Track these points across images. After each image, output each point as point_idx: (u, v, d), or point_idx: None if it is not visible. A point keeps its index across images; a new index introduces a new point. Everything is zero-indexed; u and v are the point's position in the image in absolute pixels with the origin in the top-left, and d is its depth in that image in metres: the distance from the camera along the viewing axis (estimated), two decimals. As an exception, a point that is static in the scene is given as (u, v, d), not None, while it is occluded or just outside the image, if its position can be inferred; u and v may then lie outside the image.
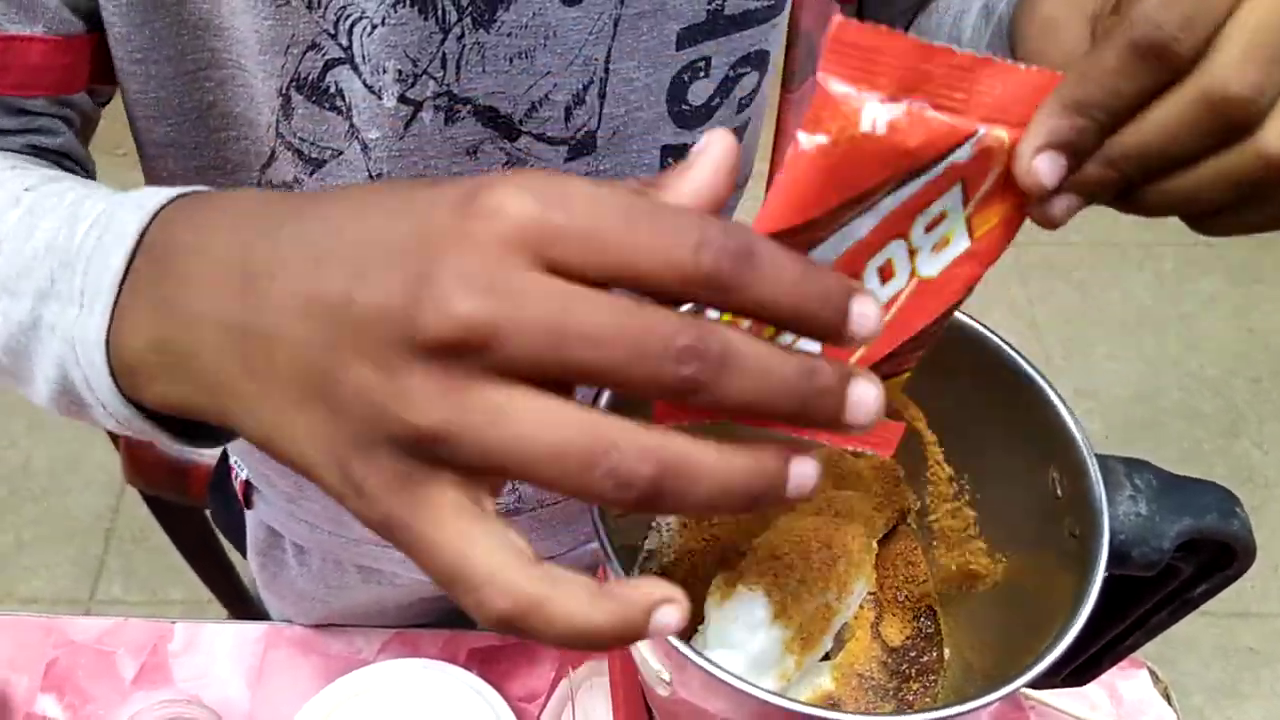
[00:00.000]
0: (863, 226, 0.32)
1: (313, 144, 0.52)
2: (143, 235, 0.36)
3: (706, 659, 0.36)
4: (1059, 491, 0.43)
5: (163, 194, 0.37)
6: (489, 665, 0.86)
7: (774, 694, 0.35)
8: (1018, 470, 0.44)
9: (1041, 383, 0.43)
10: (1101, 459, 0.42)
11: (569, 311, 0.26)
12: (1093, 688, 0.88)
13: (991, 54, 0.31)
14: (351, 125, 0.51)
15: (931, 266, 0.34)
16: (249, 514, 0.84)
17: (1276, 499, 1.86)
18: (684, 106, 0.55)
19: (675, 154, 0.57)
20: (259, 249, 0.31)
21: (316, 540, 0.79)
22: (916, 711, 0.46)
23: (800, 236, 0.31)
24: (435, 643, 0.88)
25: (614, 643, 0.28)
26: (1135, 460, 0.43)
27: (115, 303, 0.36)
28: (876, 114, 0.30)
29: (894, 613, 0.49)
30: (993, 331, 0.44)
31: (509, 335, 0.26)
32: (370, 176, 0.53)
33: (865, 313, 0.27)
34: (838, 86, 0.30)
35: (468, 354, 0.26)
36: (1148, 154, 0.31)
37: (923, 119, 0.31)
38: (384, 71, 0.49)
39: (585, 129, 0.54)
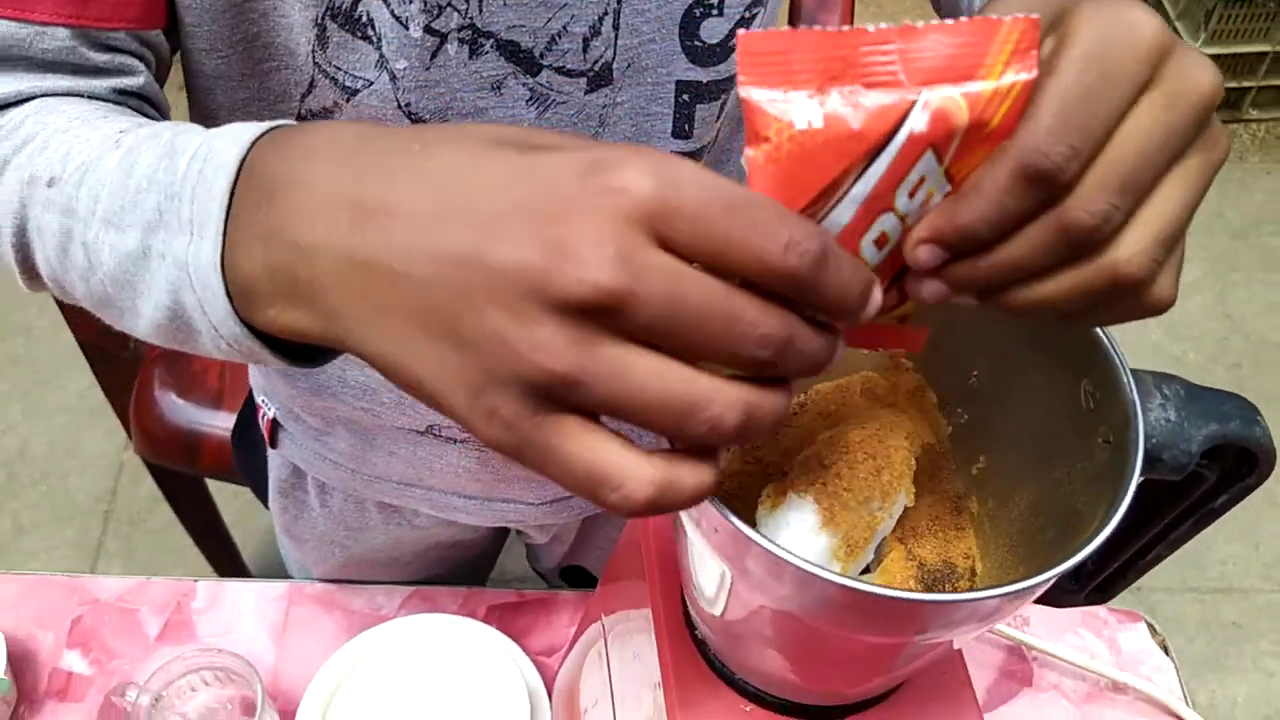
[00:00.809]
0: (844, 215, 0.35)
1: (346, 73, 0.55)
2: (241, 164, 0.38)
3: (772, 540, 0.38)
4: (1090, 404, 0.45)
5: (255, 127, 0.40)
6: (508, 621, 0.88)
7: (839, 574, 0.37)
8: (1051, 387, 0.47)
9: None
10: (1132, 371, 0.44)
11: (682, 288, 0.31)
12: (1093, 639, 0.91)
13: (910, 21, 0.33)
14: (381, 55, 0.54)
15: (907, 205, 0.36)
16: (272, 455, 0.86)
17: (1257, 479, 1.90)
18: (697, 42, 0.58)
19: (690, 90, 0.60)
20: (370, 185, 0.34)
21: (340, 477, 0.81)
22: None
23: (823, 200, 0.33)
24: (455, 599, 0.90)
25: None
26: (1161, 373, 0.45)
27: (225, 230, 0.38)
28: (809, 110, 0.32)
29: (928, 531, 0.52)
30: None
31: (635, 303, 0.30)
32: (399, 106, 0.56)
33: (875, 299, 0.33)
34: (760, 94, 0.32)
35: (597, 315, 0.30)
36: (1008, 265, 0.35)
37: (857, 103, 0.33)
38: (410, 2, 0.52)
39: (602, 60, 0.56)
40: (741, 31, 0.33)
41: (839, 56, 0.33)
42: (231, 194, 0.38)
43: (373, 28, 0.53)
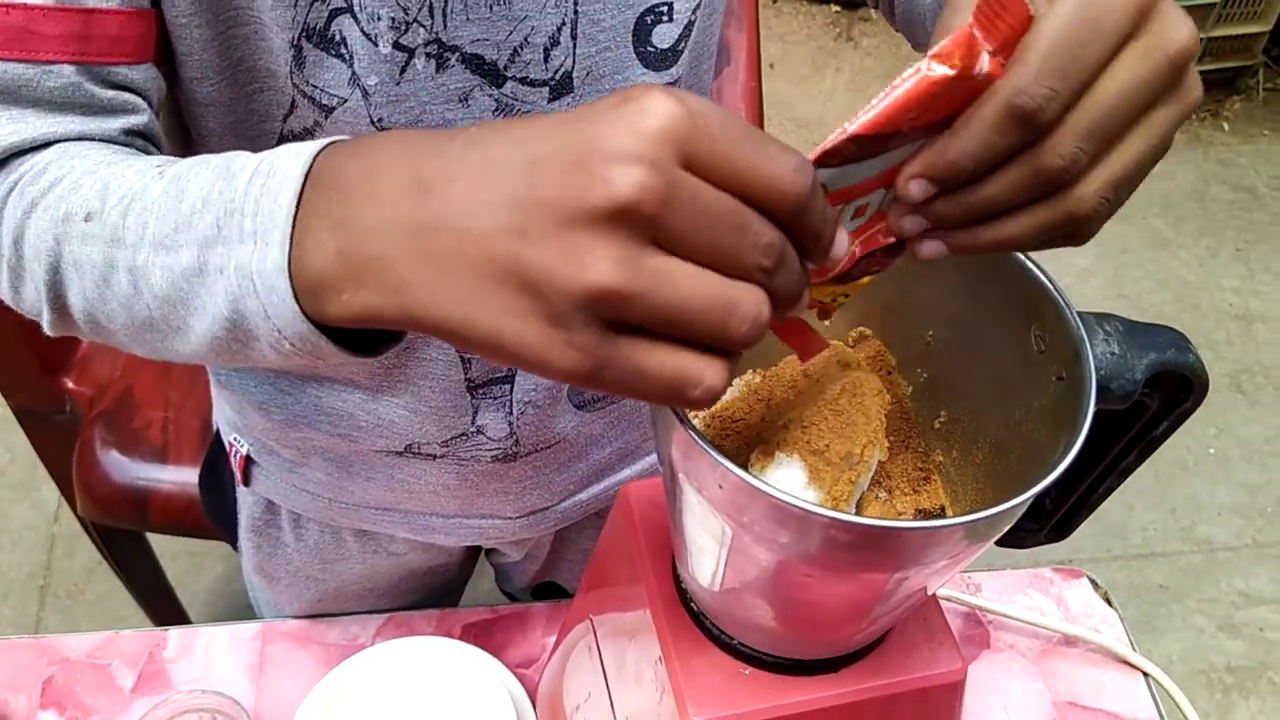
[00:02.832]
0: (872, 169, 0.39)
1: (322, 90, 0.57)
2: (306, 175, 0.41)
3: (772, 485, 0.41)
4: (1041, 346, 0.49)
5: (314, 144, 0.42)
6: (484, 638, 0.90)
7: (839, 512, 0.41)
8: (1003, 337, 0.51)
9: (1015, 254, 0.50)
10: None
11: (706, 198, 0.34)
12: (1041, 598, 0.96)
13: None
14: (353, 72, 0.56)
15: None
16: (243, 494, 0.86)
17: (1169, 447, 1.99)
18: (650, 48, 0.61)
19: None
20: (430, 166, 0.37)
21: (317, 508, 0.82)
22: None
23: (871, 145, 0.37)
24: (430, 622, 0.91)
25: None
26: (1100, 313, 0.50)
27: (291, 235, 0.40)
28: (984, 62, 0.37)
29: (900, 488, 0.55)
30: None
31: (668, 208, 0.34)
32: (372, 122, 0.58)
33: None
34: (979, 33, 0.37)
35: (637, 221, 0.34)
36: (985, 203, 0.40)
37: (995, 72, 0.37)
38: (379, 19, 0.55)
39: (562, 69, 0.60)
40: None
41: (1016, 37, 0.37)
42: (298, 203, 0.41)
43: (345, 45, 0.55)
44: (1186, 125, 2.59)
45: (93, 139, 0.51)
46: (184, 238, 0.44)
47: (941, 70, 0.36)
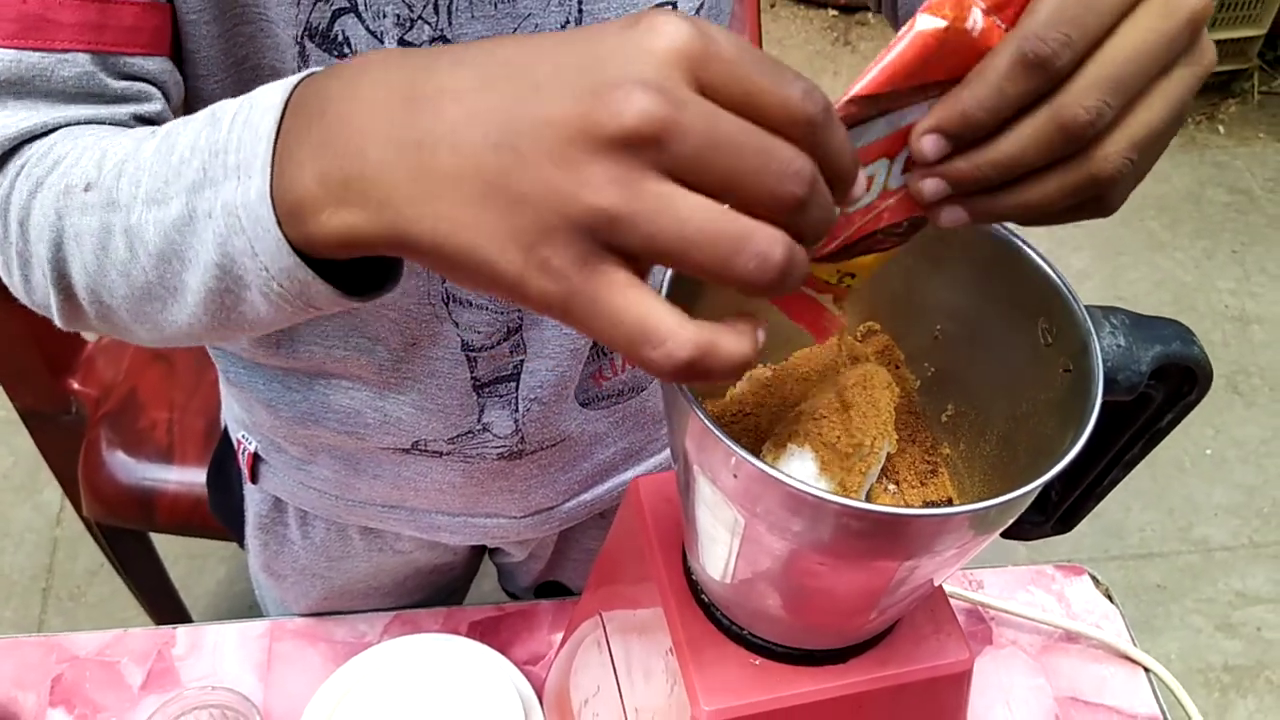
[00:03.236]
0: (877, 130, 0.39)
1: None
2: (286, 104, 0.40)
3: (786, 474, 0.42)
4: (1048, 340, 0.50)
5: (295, 77, 0.41)
6: (490, 635, 0.90)
7: (851, 500, 0.41)
8: (1010, 331, 0.52)
9: (1021, 245, 0.51)
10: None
11: (721, 123, 0.33)
12: (1043, 595, 0.97)
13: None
14: None
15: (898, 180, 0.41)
16: (251, 491, 0.87)
17: (1166, 448, 2.00)
18: None
19: None
20: (419, 80, 0.36)
21: (323, 505, 0.82)
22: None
23: (872, 106, 0.38)
24: (436, 619, 0.91)
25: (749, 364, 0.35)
26: (1105, 306, 0.51)
27: (272, 161, 0.39)
28: (976, 17, 0.37)
29: (907, 480, 0.56)
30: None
31: (676, 135, 0.32)
32: None
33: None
34: None
35: (641, 148, 0.32)
36: (1005, 161, 0.38)
37: (992, 34, 0.37)
38: (384, 16, 0.55)
39: None
40: None
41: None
42: (278, 132, 0.40)
43: (349, 45, 0.56)
44: (1182, 128, 2.60)
45: (102, 124, 0.52)
46: (173, 189, 0.43)
47: (932, 22, 0.36)
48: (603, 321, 0.34)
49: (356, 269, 0.43)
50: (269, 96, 0.41)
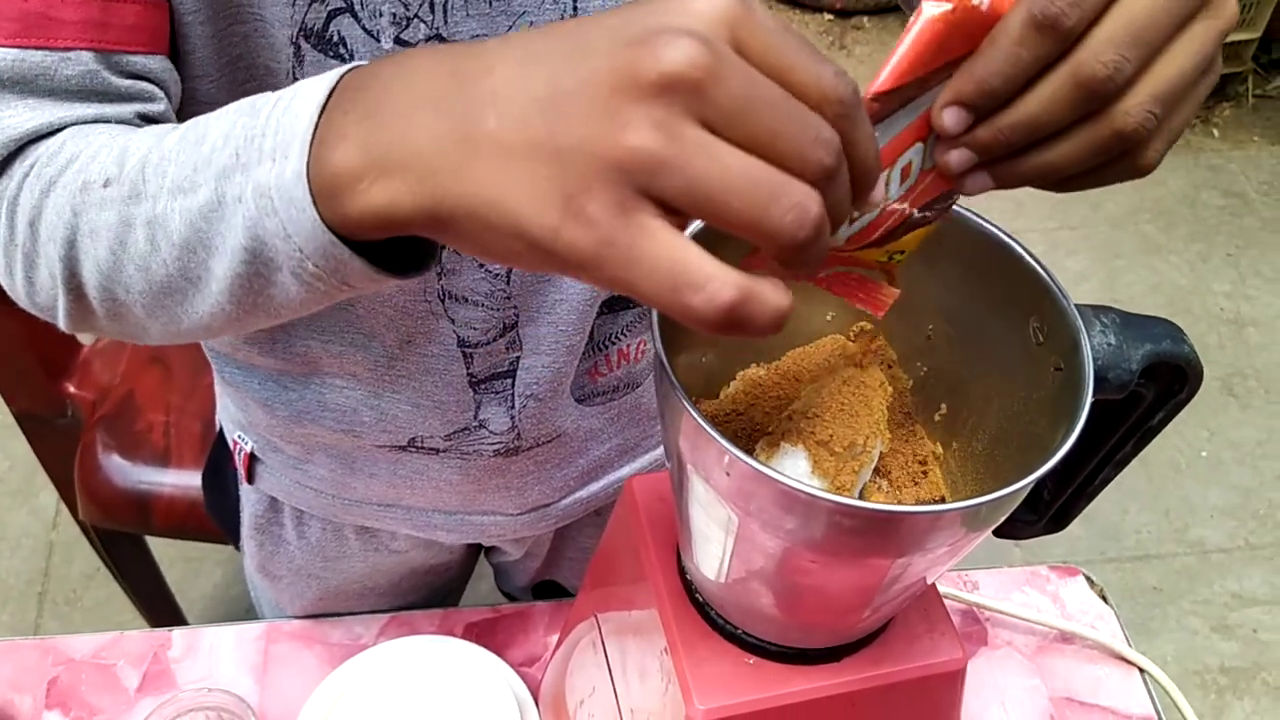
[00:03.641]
0: (905, 119, 0.39)
1: None
2: (330, 93, 0.40)
3: (780, 472, 0.42)
4: (1039, 339, 0.50)
5: (339, 69, 0.41)
6: (486, 637, 0.90)
7: (844, 498, 0.42)
8: (1002, 330, 0.52)
9: (1013, 245, 0.51)
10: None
11: (760, 82, 0.33)
12: (1038, 595, 0.97)
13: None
14: None
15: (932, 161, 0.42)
16: (247, 491, 0.87)
17: (1161, 450, 2.01)
18: None
19: None
20: (468, 56, 0.37)
21: (320, 504, 0.82)
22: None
23: (895, 100, 0.38)
24: (432, 621, 0.91)
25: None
26: (1096, 305, 0.51)
27: (312, 141, 0.39)
28: None
29: (899, 480, 0.56)
30: (971, 211, 0.52)
31: (718, 84, 0.32)
32: None
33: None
34: None
35: (683, 93, 0.32)
36: (1026, 123, 0.39)
37: (1003, 3, 0.38)
38: (380, 15, 0.55)
39: None
40: None
41: None
42: (321, 113, 0.40)
43: (344, 45, 0.56)
44: (1177, 131, 2.61)
45: (108, 122, 0.52)
46: (202, 176, 0.43)
47: (939, 8, 0.36)
48: (640, 269, 0.33)
49: (387, 250, 0.43)
50: (314, 84, 0.41)
